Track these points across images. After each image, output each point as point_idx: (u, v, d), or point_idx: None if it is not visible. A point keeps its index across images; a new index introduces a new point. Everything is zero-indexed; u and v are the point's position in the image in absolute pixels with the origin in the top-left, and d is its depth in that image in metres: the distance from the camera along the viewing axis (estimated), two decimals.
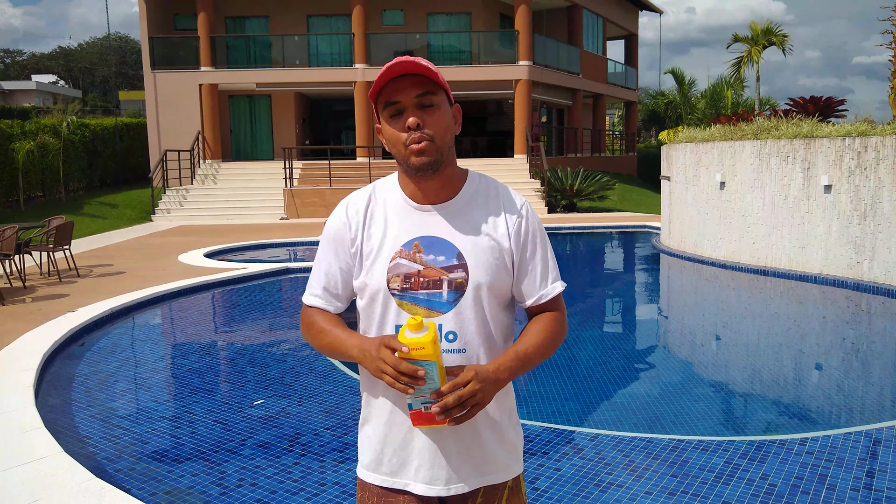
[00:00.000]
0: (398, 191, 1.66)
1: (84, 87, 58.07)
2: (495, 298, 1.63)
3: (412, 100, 1.55)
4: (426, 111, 1.56)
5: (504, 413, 1.69)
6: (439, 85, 1.57)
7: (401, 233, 1.62)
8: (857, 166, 8.58)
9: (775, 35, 22.34)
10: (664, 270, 11.26)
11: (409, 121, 1.54)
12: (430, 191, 1.63)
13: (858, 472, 3.64)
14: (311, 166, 20.84)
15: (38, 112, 32.01)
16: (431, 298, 1.59)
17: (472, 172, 1.71)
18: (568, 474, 3.67)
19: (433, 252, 1.60)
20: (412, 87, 1.55)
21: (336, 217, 1.68)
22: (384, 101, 1.57)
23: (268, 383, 5.43)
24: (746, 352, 6.43)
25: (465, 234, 1.61)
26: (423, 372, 1.43)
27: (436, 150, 1.56)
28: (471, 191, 1.66)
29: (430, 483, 1.62)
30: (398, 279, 1.59)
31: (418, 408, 1.49)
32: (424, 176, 1.59)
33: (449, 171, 1.63)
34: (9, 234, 8.54)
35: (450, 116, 1.61)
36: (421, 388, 1.45)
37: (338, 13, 23.59)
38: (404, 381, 1.44)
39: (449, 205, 1.64)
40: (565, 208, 19.40)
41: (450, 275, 1.59)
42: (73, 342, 6.47)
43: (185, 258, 11.20)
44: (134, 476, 3.76)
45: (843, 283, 8.62)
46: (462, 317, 1.59)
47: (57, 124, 18.68)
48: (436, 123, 1.56)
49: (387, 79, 1.54)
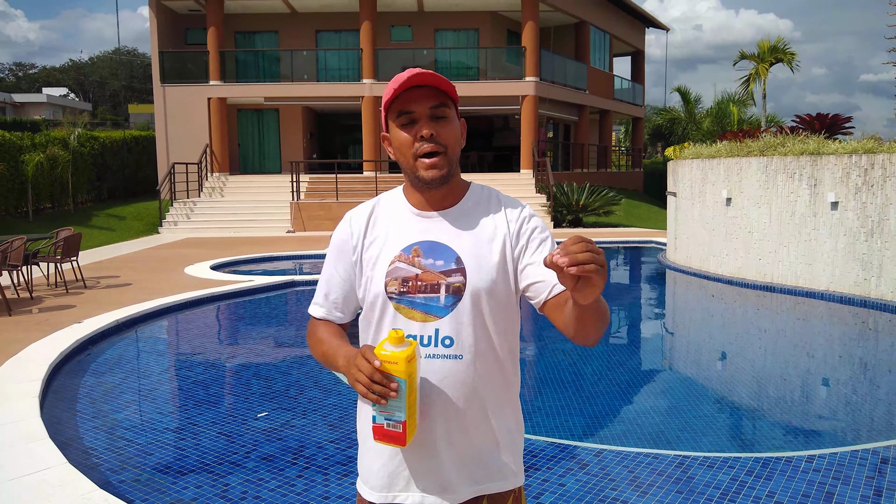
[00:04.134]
0: (402, 200, 1.68)
1: (94, 101, 58.56)
2: (495, 303, 1.60)
3: (426, 111, 1.56)
4: (439, 122, 1.57)
5: (503, 421, 1.65)
6: (451, 98, 1.60)
7: (401, 238, 1.62)
8: (864, 183, 8.57)
9: (782, 52, 22.36)
10: (670, 286, 11.23)
11: (423, 131, 1.55)
12: (434, 199, 1.64)
13: (866, 490, 3.60)
14: (317, 180, 20.92)
15: (48, 125, 32.27)
16: (428, 303, 1.57)
17: (475, 184, 1.72)
18: (572, 490, 3.65)
19: (432, 256, 1.59)
20: (427, 99, 1.56)
21: (340, 229, 1.71)
22: (397, 110, 1.57)
23: (272, 396, 5.42)
24: (753, 368, 6.40)
25: (465, 239, 1.61)
26: (397, 384, 1.41)
27: (447, 162, 1.57)
28: (473, 198, 1.67)
29: (424, 492, 1.60)
30: (396, 283, 1.58)
31: (381, 422, 1.46)
32: (431, 188, 1.60)
33: (453, 182, 1.65)
34: (17, 245, 8.60)
35: (459, 130, 1.63)
36: (389, 402, 1.43)
37: (346, 28, 23.79)
38: (375, 391, 1.41)
39: (450, 211, 1.64)
40: (571, 223, 19.40)
41: (448, 279, 1.57)
42: (79, 353, 6.49)
43: (192, 270, 11.23)
44: (137, 488, 3.75)
45: (850, 300, 8.58)
46: (459, 322, 1.57)
47: (66, 136, 18.83)
48: (448, 135, 1.58)
49: (403, 88, 1.54)
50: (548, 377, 5.94)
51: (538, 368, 6.19)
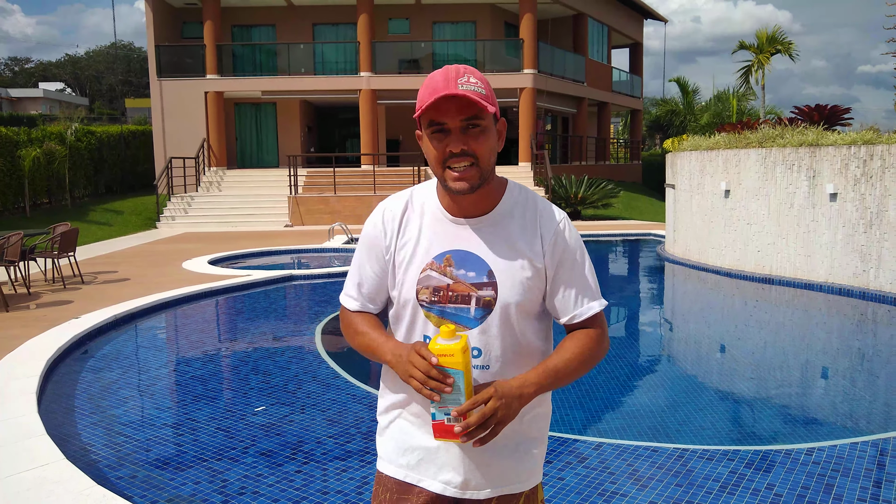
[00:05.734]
0: (435, 200, 1.64)
1: (91, 95, 58.38)
2: (525, 315, 1.61)
3: (458, 123, 1.51)
4: (470, 133, 1.51)
5: (534, 428, 1.68)
6: (488, 104, 1.51)
7: (433, 244, 1.60)
8: (863, 174, 8.55)
9: (781, 43, 22.29)
10: (669, 278, 11.23)
11: (452, 147, 1.51)
12: (468, 203, 1.60)
13: (865, 482, 3.60)
14: (315, 174, 20.88)
15: (44, 119, 32.18)
16: (459, 313, 1.58)
17: (512, 183, 1.67)
18: (571, 483, 3.64)
19: (464, 267, 1.58)
20: (459, 112, 1.50)
21: (372, 223, 1.68)
22: (429, 119, 1.53)
23: (271, 391, 5.41)
24: (752, 360, 6.40)
25: (498, 252, 1.59)
26: (453, 380, 1.43)
27: (479, 174, 1.53)
28: (508, 204, 1.63)
29: (447, 484, 1.63)
30: (427, 291, 1.59)
31: (441, 419, 1.47)
32: (460, 195, 1.57)
33: (488, 186, 1.60)
34: (14, 240, 8.57)
35: (495, 137, 1.56)
36: (446, 397, 1.44)
37: (344, 21, 23.69)
38: (431, 387, 1.43)
39: (484, 219, 1.61)
40: (570, 216, 19.35)
41: (479, 292, 1.57)
42: (77, 349, 6.48)
43: (190, 265, 11.20)
44: (136, 484, 3.74)
45: (849, 291, 8.58)
46: (488, 335, 1.58)
47: (63, 131, 18.77)
48: (481, 146, 1.52)
49: (435, 96, 1.48)
50: None
51: None
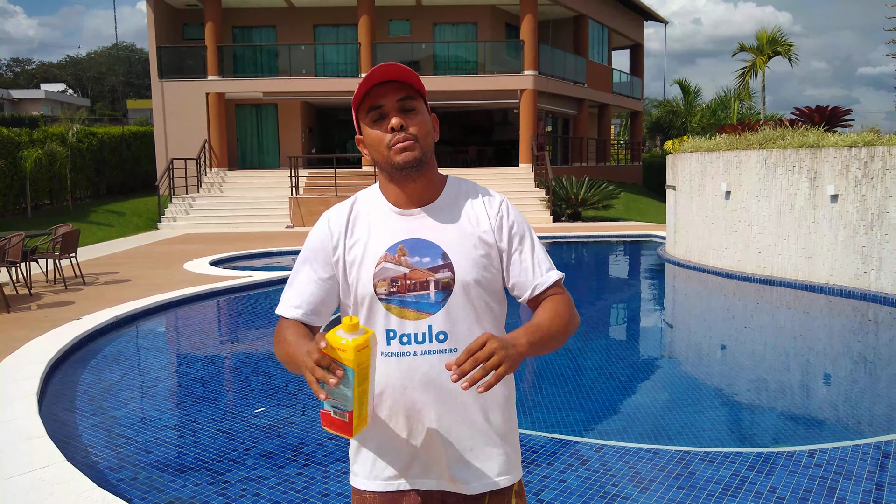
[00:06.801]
0: (380, 198, 1.68)
1: (93, 96, 58.41)
2: (485, 294, 1.63)
3: (394, 103, 1.58)
4: (408, 115, 1.59)
5: (508, 410, 1.69)
6: (419, 91, 1.61)
7: (384, 238, 1.62)
8: (864, 176, 8.55)
9: (781, 44, 22.30)
10: (669, 280, 11.22)
11: (392, 122, 1.57)
12: (413, 194, 1.64)
13: (868, 484, 3.59)
14: (316, 175, 20.88)
15: (46, 120, 32.20)
16: (419, 300, 1.59)
17: (451, 177, 1.73)
18: (573, 486, 3.64)
19: (418, 254, 1.60)
20: (394, 92, 1.58)
21: (318, 230, 1.69)
22: (367, 107, 1.60)
23: (272, 392, 5.41)
24: (753, 362, 6.39)
25: (449, 234, 1.62)
26: (343, 373, 1.35)
27: (419, 148, 1.58)
28: (452, 192, 1.69)
29: (438, 479, 1.63)
30: (385, 283, 1.59)
31: (327, 409, 1.43)
32: (408, 176, 1.60)
33: (431, 174, 1.65)
34: (15, 241, 8.57)
35: (429, 122, 1.64)
36: (333, 391, 1.38)
37: (345, 23, 23.70)
38: (317, 377, 1.36)
39: (430, 207, 1.65)
40: (570, 217, 19.38)
41: (436, 275, 1.59)
42: (78, 350, 6.47)
43: (191, 266, 11.21)
44: (136, 486, 3.74)
45: (850, 293, 8.57)
46: (451, 316, 1.59)
47: (64, 132, 18.78)
48: (418, 125, 1.59)
49: (370, 84, 1.57)
50: (547, 372, 5.92)
51: (538, 363, 6.17)
